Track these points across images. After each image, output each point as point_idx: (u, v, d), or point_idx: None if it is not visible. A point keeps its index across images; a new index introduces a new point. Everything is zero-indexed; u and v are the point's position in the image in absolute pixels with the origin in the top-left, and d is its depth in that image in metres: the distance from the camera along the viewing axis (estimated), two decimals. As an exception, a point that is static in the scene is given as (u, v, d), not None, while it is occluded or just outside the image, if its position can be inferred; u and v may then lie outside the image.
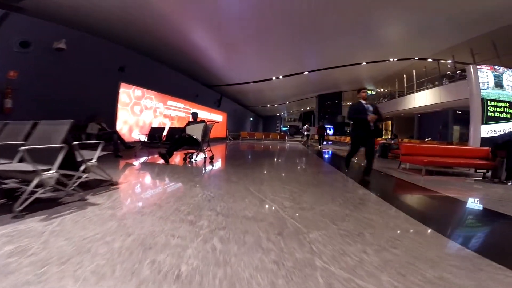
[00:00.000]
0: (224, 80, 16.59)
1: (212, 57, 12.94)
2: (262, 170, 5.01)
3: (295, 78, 18.63)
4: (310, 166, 6.29)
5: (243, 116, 28.34)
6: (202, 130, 5.49)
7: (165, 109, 10.38)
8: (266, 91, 22.11)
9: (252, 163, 6.01)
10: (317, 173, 5.13)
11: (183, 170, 4.69)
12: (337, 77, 21.61)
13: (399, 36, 13.16)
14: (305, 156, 8.64)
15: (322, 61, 15.75)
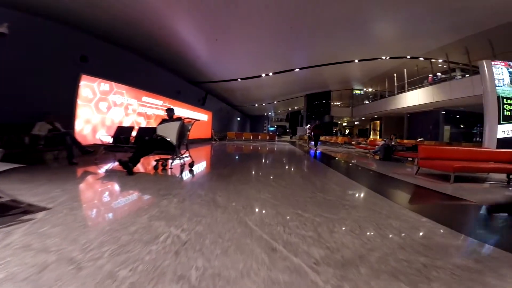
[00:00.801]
0: (209, 76, 15.29)
1: (197, 50, 11.65)
2: (259, 182, 3.83)
3: (285, 76, 17.68)
4: (323, 175, 5.21)
5: (230, 116, 27.04)
6: (178, 130, 4.26)
7: (140, 106, 8.97)
8: (254, 89, 20.98)
9: (244, 172, 4.78)
10: (341, 188, 4.03)
11: (148, 184, 3.43)
12: (326, 76, 20.96)
13: (392, 34, 12.64)
14: (306, 160, 7.59)
15: (313, 57, 14.86)
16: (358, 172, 5.57)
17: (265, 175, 4.44)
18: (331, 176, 4.86)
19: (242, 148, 12.57)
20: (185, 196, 2.85)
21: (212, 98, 19.54)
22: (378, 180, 4.62)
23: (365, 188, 3.82)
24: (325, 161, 7.48)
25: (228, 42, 11.20)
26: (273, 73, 15.89)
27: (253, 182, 3.83)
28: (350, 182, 4.22)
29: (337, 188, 3.68)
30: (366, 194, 3.45)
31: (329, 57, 14.98)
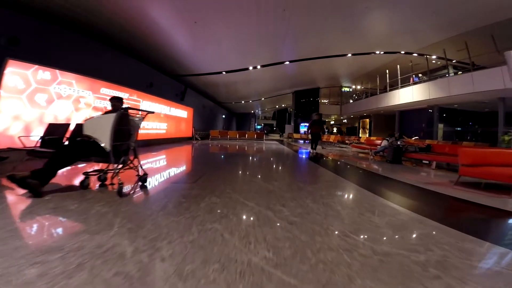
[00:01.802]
0: (190, 68, 13.58)
1: (174, 37, 9.96)
2: (245, 211, 2.38)
3: (273, 71, 16.33)
4: (336, 188, 3.80)
5: (214, 113, 25.34)
6: (112, 127, 2.72)
7: (97, 99, 7.23)
8: (240, 84, 19.44)
9: (222, 188, 3.26)
10: (379, 218, 2.62)
11: (55, 224, 1.88)
12: (315, 72, 19.87)
13: (387, 28, 11.78)
14: (305, 165, 6.22)
15: (304, 49, 13.59)
16: (378, 182, 4.23)
17: (252, 193, 3.01)
18: (346, 189, 3.51)
19: (225, 148, 11.05)
20: (91, 253, 1.35)
21: (194, 93, 17.83)
22: (417, 197, 3.32)
23: (414, 215, 2.48)
24: (327, 165, 6.15)
25: (211, 28, 9.63)
26: (261, 66, 14.42)
27: (234, 211, 2.36)
28: (382, 203, 2.88)
29: (374, 220, 2.29)
30: (424, 227, 2.09)
31: (320, 50, 13.78)
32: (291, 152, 9.87)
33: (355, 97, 25.80)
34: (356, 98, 25.87)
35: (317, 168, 5.46)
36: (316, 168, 5.46)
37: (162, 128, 11.71)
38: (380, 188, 3.72)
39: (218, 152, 9.51)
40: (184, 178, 3.92)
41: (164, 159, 6.57)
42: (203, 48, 11.41)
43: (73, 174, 3.90)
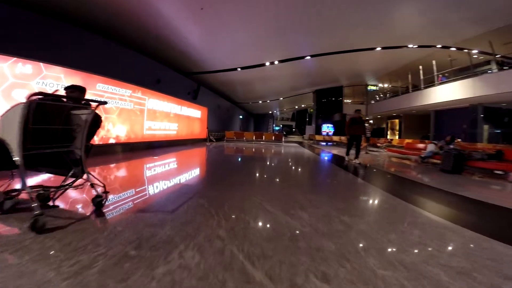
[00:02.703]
0: (202, 65, 12.65)
1: (183, 29, 9.01)
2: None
3: (292, 67, 15.05)
4: (414, 229, 2.45)
5: (230, 113, 24.40)
6: (20, 123, 1.60)
7: (93, 95, 6.36)
8: (257, 83, 18.29)
9: (221, 235, 2.05)
10: None
11: None
12: (338, 69, 18.26)
13: (421, 19, 10.25)
14: (346, 181, 4.93)
15: (326, 43, 12.13)
16: (470, 211, 2.83)
17: (266, 241, 1.78)
18: (427, 227, 2.16)
19: (238, 152, 9.89)
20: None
21: (208, 92, 16.95)
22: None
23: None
24: (370, 178, 4.63)
25: (223, 19, 8.60)
26: (278, 61, 13.16)
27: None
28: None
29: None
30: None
31: (345, 43, 12.32)
32: (315, 158, 8.48)
33: (382, 96, 23.72)
34: (384, 97, 23.77)
35: (357, 183, 4.09)
36: (355, 183, 4.09)
37: (172, 129, 10.81)
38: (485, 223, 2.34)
39: (227, 157, 8.38)
40: (162, 204, 2.75)
41: (159, 167, 5.51)
42: (215, 42, 10.38)
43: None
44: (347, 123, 7.17)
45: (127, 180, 3.87)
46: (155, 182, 3.59)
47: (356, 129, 7.09)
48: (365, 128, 7.07)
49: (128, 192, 3.03)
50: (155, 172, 4.75)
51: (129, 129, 7.86)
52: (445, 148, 6.07)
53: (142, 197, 2.84)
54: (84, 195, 2.77)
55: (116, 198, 2.76)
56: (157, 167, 5.39)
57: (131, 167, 5.28)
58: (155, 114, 9.36)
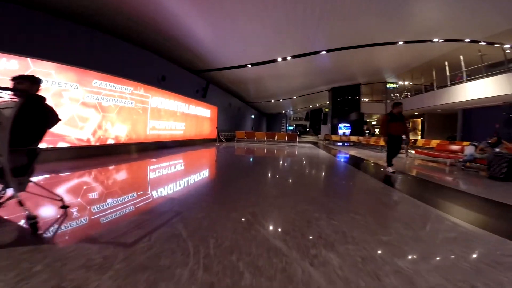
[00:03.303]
0: (209, 61, 12.04)
1: (190, 23, 8.41)
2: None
3: (305, 64, 14.18)
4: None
5: (242, 113, 23.77)
6: None
7: (87, 93, 5.88)
8: (269, 81, 17.50)
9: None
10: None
11: None
12: (355, 66, 17.11)
13: (448, 10, 9.11)
14: (388, 200, 4.13)
15: (343, 37, 11.20)
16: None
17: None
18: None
19: (247, 154, 9.19)
20: None
21: (219, 91, 16.39)
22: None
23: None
24: (408, 188, 3.82)
25: (232, 13, 7.93)
26: (291, 56, 12.32)
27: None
28: None
29: None
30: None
31: (364, 36, 11.33)
32: (335, 162, 7.62)
33: (409, 94, 22.23)
34: (405, 95, 22.32)
35: (395, 196, 3.23)
36: (392, 196, 3.24)
37: (178, 129, 10.29)
38: None
39: (233, 160, 7.70)
40: (122, 229, 2.06)
41: (151, 172, 4.91)
42: (223, 37, 9.72)
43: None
44: (384, 120, 5.55)
45: (101, 189, 3.26)
46: (131, 194, 2.95)
47: (397, 128, 5.36)
48: (405, 124, 5.44)
49: (95, 207, 2.41)
50: (140, 179, 4.14)
51: (131, 128, 7.36)
52: (489, 151, 5.07)
53: (106, 215, 2.19)
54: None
55: (75, 215, 2.13)
56: (147, 173, 4.79)
57: (118, 172, 4.71)
58: (159, 113, 8.86)
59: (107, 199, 2.70)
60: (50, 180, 3.56)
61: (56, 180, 3.64)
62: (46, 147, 5.11)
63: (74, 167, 4.76)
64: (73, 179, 3.82)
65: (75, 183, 3.53)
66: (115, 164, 5.43)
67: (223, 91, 17.41)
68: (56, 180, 3.64)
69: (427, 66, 16.83)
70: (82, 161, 5.46)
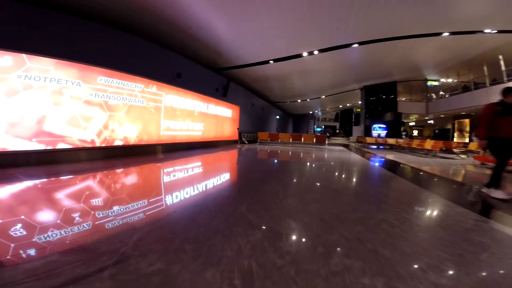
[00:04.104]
0: (229, 58, 11.37)
1: (207, 17, 7.82)
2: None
3: (334, 59, 12.97)
4: None
5: (266, 113, 22.90)
6: None
7: (92, 90, 5.46)
8: (295, 78, 16.43)
9: None
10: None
11: None
12: (391, 61, 15.34)
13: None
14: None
15: (377, 28, 9.85)
16: None
17: None
18: None
19: (270, 157, 8.31)
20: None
21: (240, 90, 15.72)
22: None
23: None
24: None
25: (253, 3, 7.14)
26: (318, 50, 11.17)
27: None
28: None
29: None
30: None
31: (401, 27, 9.88)
32: (379, 172, 6.40)
33: (451, 91, 19.72)
34: (450, 93, 19.77)
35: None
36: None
37: (196, 129, 9.76)
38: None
39: (248, 167, 6.86)
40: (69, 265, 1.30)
41: (146, 181, 4.26)
42: (240, 30, 8.96)
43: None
44: (489, 112, 3.47)
45: (100, 196, 2.61)
46: (139, 202, 2.25)
47: (511, 126, 3.34)
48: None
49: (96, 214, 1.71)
50: (148, 186, 3.47)
51: (141, 129, 6.90)
52: None
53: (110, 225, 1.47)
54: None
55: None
56: (156, 178, 4.13)
57: (124, 176, 4.11)
58: (175, 112, 8.35)
59: (112, 207, 2.03)
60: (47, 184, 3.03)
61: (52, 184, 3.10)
62: (44, 148, 4.74)
63: (75, 170, 4.32)
64: (71, 183, 3.27)
65: (71, 188, 2.95)
66: (122, 167, 4.92)
67: (245, 90, 16.71)
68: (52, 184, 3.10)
69: (477, 61, 14.53)
70: (85, 164, 5.03)
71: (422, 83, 21.83)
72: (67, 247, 1.59)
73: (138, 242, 1.66)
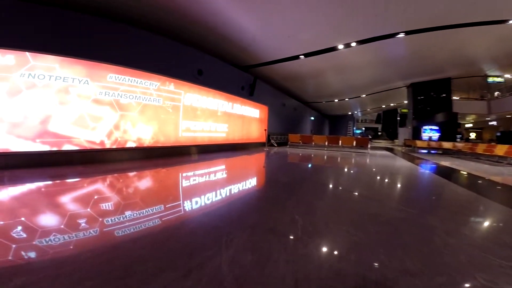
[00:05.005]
0: (253, 53, 10.56)
1: (230, 9, 7.23)
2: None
3: (375, 52, 11.43)
4: None
5: (298, 114, 21.68)
6: None
7: (101, 88, 5.16)
8: (330, 75, 15.06)
9: None
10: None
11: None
12: (444, 54, 13.11)
13: None
14: None
15: (427, 13, 8.23)
16: None
17: None
18: None
19: (299, 164, 7.34)
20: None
21: (269, 89, 14.91)
22: None
23: None
24: None
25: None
26: (356, 42, 9.80)
27: None
28: None
29: None
30: None
31: (455, 13, 8.15)
32: (459, 193, 4.89)
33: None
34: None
35: None
36: None
37: (220, 131, 9.20)
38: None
39: (282, 175, 5.98)
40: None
41: (178, 184, 3.67)
42: (267, 21, 8.12)
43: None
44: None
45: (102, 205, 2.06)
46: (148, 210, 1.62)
47: None
48: None
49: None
50: (161, 194, 2.87)
51: (157, 130, 6.50)
52: None
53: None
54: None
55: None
56: (170, 185, 3.54)
57: (134, 181, 3.60)
58: (195, 112, 7.88)
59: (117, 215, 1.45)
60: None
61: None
62: (49, 149, 4.49)
63: (80, 173, 4.01)
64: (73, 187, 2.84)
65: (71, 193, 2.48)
66: (132, 170, 4.49)
67: (274, 89, 15.81)
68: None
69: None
70: (92, 166, 4.71)
71: (481, 79, 18.64)
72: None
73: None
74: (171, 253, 1.56)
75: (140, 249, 1.62)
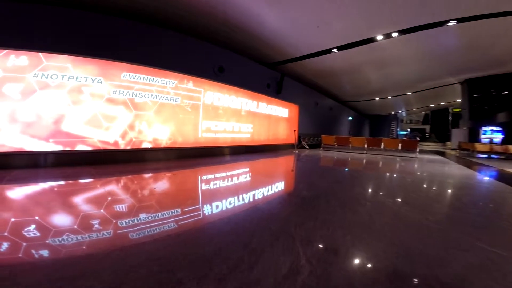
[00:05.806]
0: (281, 47, 9.80)
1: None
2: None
3: (421, 44, 9.89)
4: None
5: (334, 114, 20.27)
6: None
7: (115, 87, 5.05)
8: (368, 71, 13.63)
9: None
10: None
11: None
12: (502, 45, 10.74)
13: None
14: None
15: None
16: None
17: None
18: None
19: (335, 167, 6.50)
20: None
21: (299, 87, 14.05)
22: None
23: None
24: None
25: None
26: (398, 32, 8.49)
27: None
28: None
29: None
30: None
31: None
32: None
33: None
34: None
35: None
36: None
37: (244, 131, 8.74)
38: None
39: (298, 192, 5.23)
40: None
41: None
42: (291, 9, 7.38)
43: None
44: None
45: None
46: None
47: None
48: None
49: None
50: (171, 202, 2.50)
51: (175, 130, 6.26)
52: None
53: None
54: None
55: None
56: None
57: (142, 185, 3.31)
58: (216, 111, 7.52)
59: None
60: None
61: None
62: (62, 149, 4.45)
63: (95, 173, 3.91)
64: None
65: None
66: (146, 172, 4.27)
67: (305, 86, 14.85)
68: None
69: None
70: (106, 167, 4.58)
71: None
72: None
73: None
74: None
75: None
